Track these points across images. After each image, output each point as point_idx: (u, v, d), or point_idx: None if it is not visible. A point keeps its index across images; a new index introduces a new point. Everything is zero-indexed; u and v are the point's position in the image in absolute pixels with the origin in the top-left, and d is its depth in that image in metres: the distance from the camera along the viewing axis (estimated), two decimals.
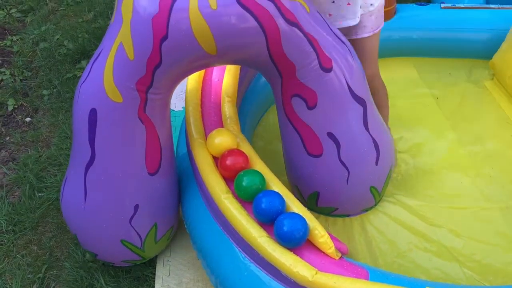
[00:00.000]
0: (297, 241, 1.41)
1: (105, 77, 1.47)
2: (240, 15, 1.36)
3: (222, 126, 1.74)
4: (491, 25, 2.45)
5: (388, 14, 2.50)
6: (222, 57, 1.46)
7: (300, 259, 1.38)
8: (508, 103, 2.32)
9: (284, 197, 1.48)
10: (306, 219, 1.42)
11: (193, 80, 1.85)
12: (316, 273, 1.34)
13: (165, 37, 1.37)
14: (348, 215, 1.94)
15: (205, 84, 1.87)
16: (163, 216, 1.77)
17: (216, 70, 1.90)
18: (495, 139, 2.21)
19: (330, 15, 1.76)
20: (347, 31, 1.80)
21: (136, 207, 1.65)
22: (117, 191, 1.61)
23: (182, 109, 2.37)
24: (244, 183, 1.51)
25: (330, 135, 1.67)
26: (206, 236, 1.65)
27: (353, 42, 1.76)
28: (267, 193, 1.49)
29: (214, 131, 1.67)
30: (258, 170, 1.56)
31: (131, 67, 1.44)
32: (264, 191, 1.49)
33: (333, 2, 1.75)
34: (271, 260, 1.40)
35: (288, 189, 1.55)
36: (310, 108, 1.63)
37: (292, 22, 1.44)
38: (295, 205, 1.48)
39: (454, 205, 1.97)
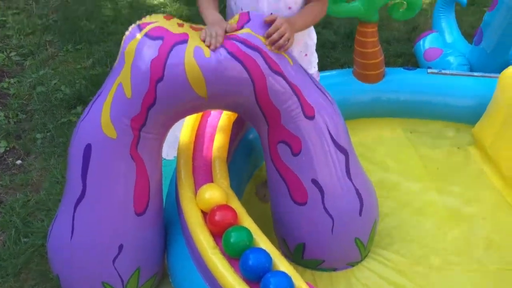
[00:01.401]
0: None
1: (102, 114, 1.61)
2: (230, 63, 1.54)
3: (212, 181, 1.84)
4: (475, 92, 2.64)
5: (377, 77, 2.70)
6: (213, 100, 1.61)
7: None
8: (490, 170, 2.46)
9: (271, 255, 1.55)
10: (292, 278, 1.49)
11: (186, 133, 1.99)
12: None
13: (160, 79, 1.53)
14: (334, 269, 1.99)
15: (198, 138, 2.00)
16: (147, 261, 1.83)
17: (208, 125, 2.05)
18: (479, 203, 2.32)
19: None
20: None
21: (121, 247, 1.73)
22: (103, 228, 1.70)
23: (173, 158, 2.48)
24: (232, 239, 1.58)
25: (315, 182, 1.79)
26: None
27: None
28: (255, 250, 1.56)
29: (204, 186, 1.77)
30: (246, 226, 1.64)
31: (127, 105, 1.58)
32: (251, 248, 1.57)
33: (306, 55, 1.97)
34: None
35: (275, 246, 1.62)
36: (294, 154, 1.75)
37: (277, 72, 1.61)
38: (282, 264, 1.55)
39: (441, 265, 2.04)
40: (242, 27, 1.62)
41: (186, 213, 1.73)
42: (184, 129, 2.01)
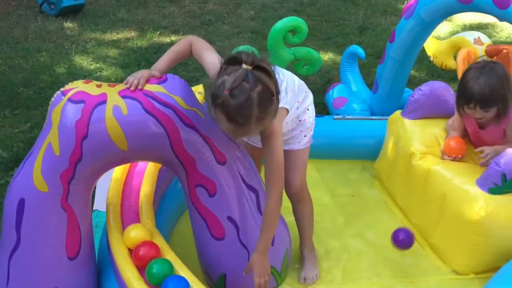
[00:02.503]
0: None
1: (34, 171, 1.79)
2: (146, 119, 1.77)
3: (139, 222, 2.02)
4: (375, 133, 2.99)
5: None
6: (133, 153, 1.83)
7: None
8: (389, 200, 2.78)
9: (189, 281, 1.74)
10: None
11: (115, 180, 2.18)
12: None
13: (85, 137, 1.74)
14: None
15: (126, 185, 2.20)
16: None
17: (136, 173, 2.25)
18: (382, 228, 2.59)
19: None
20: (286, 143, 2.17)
21: None
22: (38, 275, 1.83)
23: None
24: (154, 270, 1.77)
25: (230, 219, 2.01)
26: None
27: (288, 153, 2.15)
28: (174, 277, 1.75)
29: (129, 226, 1.96)
30: (168, 259, 1.82)
31: (56, 161, 1.77)
32: (171, 276, 1.75)
33: (301, 131, 2.20)
34: None
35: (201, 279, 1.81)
36: (211, 195, 1.98)
37: (190, 125, 1.84)
38: (199, 287, 1.74)
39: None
40: (157, 84, 1.83)
41: (114, 251, 1.91)
42: (114, 176, 2.20)
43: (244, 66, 1.68)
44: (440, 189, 2.35)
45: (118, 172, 2.21)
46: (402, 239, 2.22)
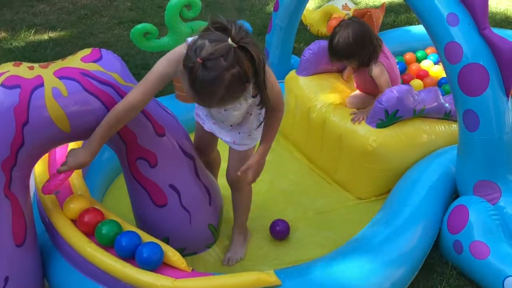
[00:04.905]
0: (156, 262, 1.71)
1: None
2: (86, 98, 1.70)
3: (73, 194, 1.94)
4: None
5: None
6: (76, 133, 1.75)
7: (160, 275, 1.68)
8: (295, 150, 2.97)
9: (139, 234, 1.78)
10: (161, 246, 1.74)
11: (39, 166, 2.06)
12: (174, 281, 1.66)
13: (26, 122, 1.62)
14: (195, 253, 2.24)
15: (51, 166, 2.09)
16: (31, 287, 1.85)
17: (58, 152, 2.13)
18: (291, 177, 2.77)
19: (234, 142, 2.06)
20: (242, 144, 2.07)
21: (6, 279, 1.74)
22: None
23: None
24: (103, 231, 1.76)
25: (172, 186, 2.03)
26: None
27: (238, 151, 2.07)
28: (125, 233, 1.77)
29: (67, 198, 1.89)
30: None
31: None
32: (122, 232, 1.76)
33: (249, 135, 2.04)
34: (138, 283, 1.66)
35: None
36: (152, 167, 1.97)
37: None
38: (150, 239, 1.79)
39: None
40: (93, 62, 1.73)
41: (56, 225, 1.84)
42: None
43: (230, 41, 1.49)
44: (337, 133, 2.58)
45: None
46: (279, 230, 2.32)
